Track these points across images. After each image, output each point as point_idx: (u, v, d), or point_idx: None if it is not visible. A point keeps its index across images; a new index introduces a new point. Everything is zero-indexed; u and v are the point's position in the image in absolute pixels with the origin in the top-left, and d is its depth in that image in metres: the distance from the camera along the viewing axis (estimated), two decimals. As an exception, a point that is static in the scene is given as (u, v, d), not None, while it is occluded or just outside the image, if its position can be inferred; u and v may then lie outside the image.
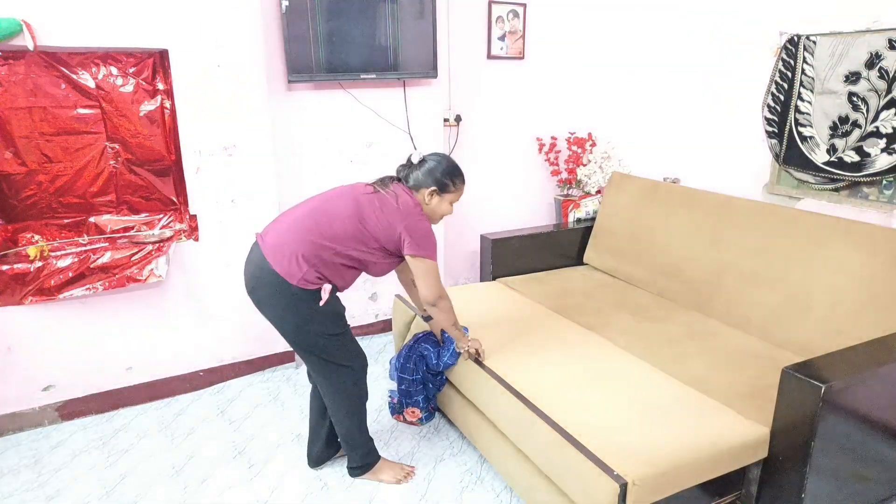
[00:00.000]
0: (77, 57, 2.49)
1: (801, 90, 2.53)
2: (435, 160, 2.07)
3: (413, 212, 1.99)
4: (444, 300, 2.09)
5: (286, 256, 1.91)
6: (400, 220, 1.96)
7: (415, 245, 1.97)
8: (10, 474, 2.33)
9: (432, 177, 2.03)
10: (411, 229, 1.97)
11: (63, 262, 2.52)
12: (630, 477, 1.58)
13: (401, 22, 2.98)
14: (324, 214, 1.97)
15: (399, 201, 1.99)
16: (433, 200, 2.05)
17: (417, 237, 1.97)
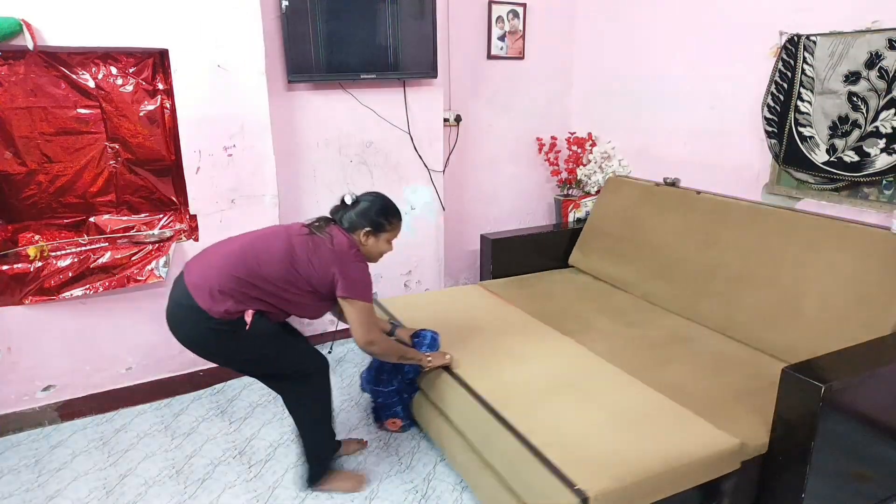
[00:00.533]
0: (77, 57, 2.49)
1: (801, 90, 2.53)
2: (368, 200, 2.06)
3: (348, 253, 1.97)
4: (376, 345, 2.03)
5: (209, 292, 1.87)
6: (334, 262, 1.94)
7: (348, 287, 1.95)
8: (10, 474, 2.33)
9: (366, 217, 2.03)
10: (345, 271, 1.94)
11: (63, 262, 2.52)
12: (592, 491, 1.53)
13: (401, 22, 2.98)
14: (254, 254, 1.94)
15: (334, 242, 1.97)
16: (369, 241, 2.05)
17: (351, 279, 1.95)
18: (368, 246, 2.05)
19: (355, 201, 2.07)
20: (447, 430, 2.20)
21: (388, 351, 2.10)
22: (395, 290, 3.44)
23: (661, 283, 2.83)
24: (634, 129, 3.47)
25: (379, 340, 2.04)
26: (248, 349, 1.96)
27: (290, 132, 2.97)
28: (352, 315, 1.97)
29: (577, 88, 3.85)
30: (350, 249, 1.98)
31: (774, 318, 2.32)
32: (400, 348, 2.16)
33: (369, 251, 2.07)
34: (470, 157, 3.66)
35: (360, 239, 2.03)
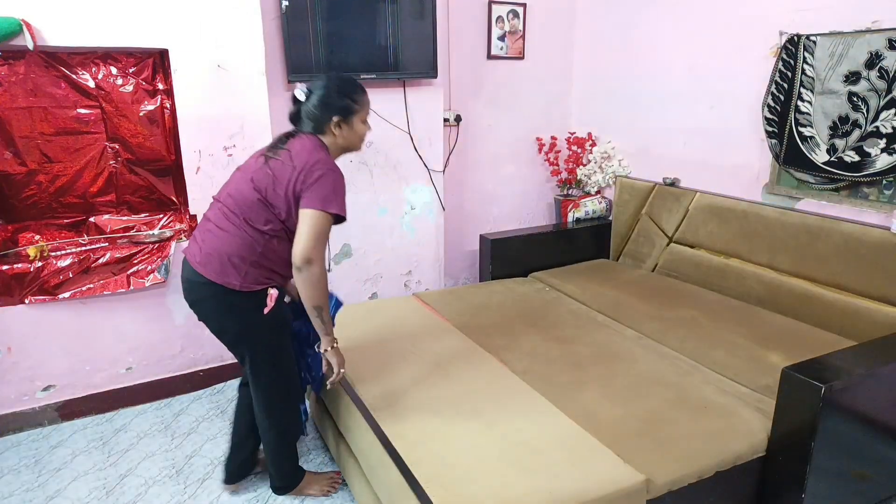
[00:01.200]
0: (77, 57, 2.49)
1: (801, 90, 2.53)
2: (322, 87, 1.80)
3: (310, 160, 1.72)
4: (315, 266, 1.71)
5: (220, 264, 1.77)
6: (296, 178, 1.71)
7: (311, 197, 1.70)
8: (10, 474, 2.33)
9: (329, 106, 1.78)
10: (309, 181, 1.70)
11: (63, 262, 2.52)
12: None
13: (401, 22, 2.98)
14: (235, 208, 1.79)
15: (293, 156, 1.74)
16: (343, 131, 1.81)
17: (315, 188, 1.70)
18: (345, 137, 1.83)
19: (308, 93, 1.80)
20: (347, 456, 2.11)
21: (320, 282, 1.74)
22: (396, 290, 3.45)
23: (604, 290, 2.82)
24: (634, 129, 3.47)
25: (320, 262, 1.72)
26: (263, 330, 1.85)
27: (290, 132, 2.97)
28: (305, 224, 1.69)
29: (577, 88, 3.85)
30: (316, 153, 1.74)
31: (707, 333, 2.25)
32: (326, 296, 1.83)
33: (348, 141, 1.85)
34: (470, 157, 3.66)
35: (333, 133, 1.81)
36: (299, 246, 1.69)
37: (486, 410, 1.93)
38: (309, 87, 1.81)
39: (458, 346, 2.39)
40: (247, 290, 1.78)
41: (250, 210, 1.77)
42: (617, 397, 2.03)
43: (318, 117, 1.79)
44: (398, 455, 1.72)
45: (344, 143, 1.84)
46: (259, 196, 1.76)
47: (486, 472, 1.64)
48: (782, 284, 2.63)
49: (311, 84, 1.82)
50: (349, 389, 2.09)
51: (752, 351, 2.30)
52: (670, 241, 3.19)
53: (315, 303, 1.77)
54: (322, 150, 1.77)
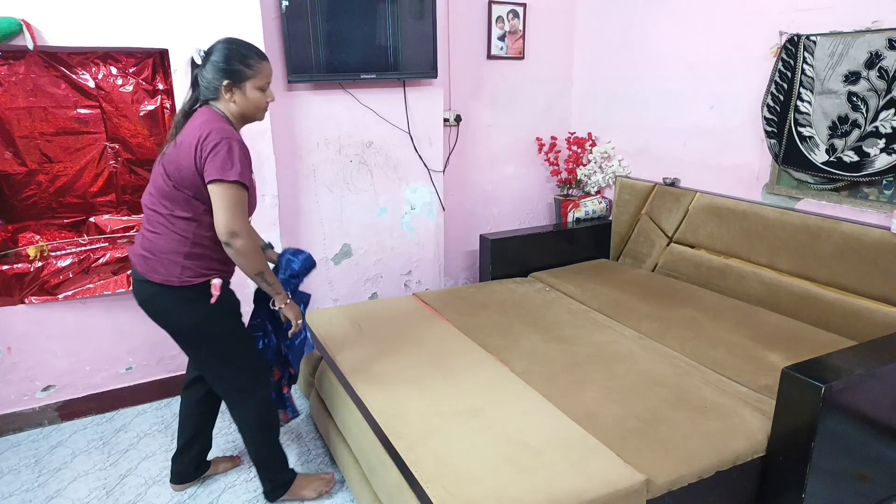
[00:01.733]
0: (77, 57, 2.49)
1: (801, 90, 2.53)
2: (216, 49, 1.74)
3: (205, 129, 1.66)
4: (240, 238, 1.68)
5: (156, 263, 1.76)
6: (194, 149, 1.65)
7: (211, 167, 1.64)
8: (10, 474, 2.33)
9: (219, 71, 1.72)
10: (204, 150, 1.64)
11: (63, 262, 2.52)
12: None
13: (401, 22, 2.98)
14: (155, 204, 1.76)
15: (193, 128, 1.69)
16: (236, 97, 1.75)
17: (215, 158, 1.63)
18: (238, 104, 1.76)
19: (206, 54, 1.75)
20: (347, 455, 2.12)
21: (251, 252, 1.73)
22: (396, 291, 3.45)
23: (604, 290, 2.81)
24: (634, 129, 3.47)
25: (244, 233, 1.69)
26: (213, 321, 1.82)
27: (290, 132, 2.97)
28: (218, 199, 1.65)
29: (577, 88, 3.85)
30: (207, 125, 1.67)
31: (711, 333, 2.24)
32: (264, 261, 1.84)
33: (241, 108, 1.77)
34: (470, 157, 3.66)
35: (227, 100, 1.75)
36: (219, 221, 1.67)
37: (485, 410, 1.93)
38: (206, 50, 1.76)
39: (458, 345, 2.39)
40: (188, 284, 1.76)
41: (169, 201, 1.73)
42: (617, 397, 2.03)
43: (210, 82, 1.73)
44: (398, 455, 1.72)
45: (239, 111, 1.77)
46: (172, 183, 1.71)
47: (485, 471, 1.64)
48: (782, 284, 2.64)
49: (210, 48, 1.76)
50: (349, 389, 2.09)
51: (751, 351, 2.30)
52: (670, 242, 3.19)
53: (254, 270, 1.78)
54: (217, 119, 1.71)
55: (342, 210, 3.20)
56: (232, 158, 1.65)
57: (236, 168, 1.65)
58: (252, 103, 1.78)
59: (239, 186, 1.67)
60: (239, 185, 1.67)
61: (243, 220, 1.70)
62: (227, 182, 1.64)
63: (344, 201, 3.19)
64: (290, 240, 3.06)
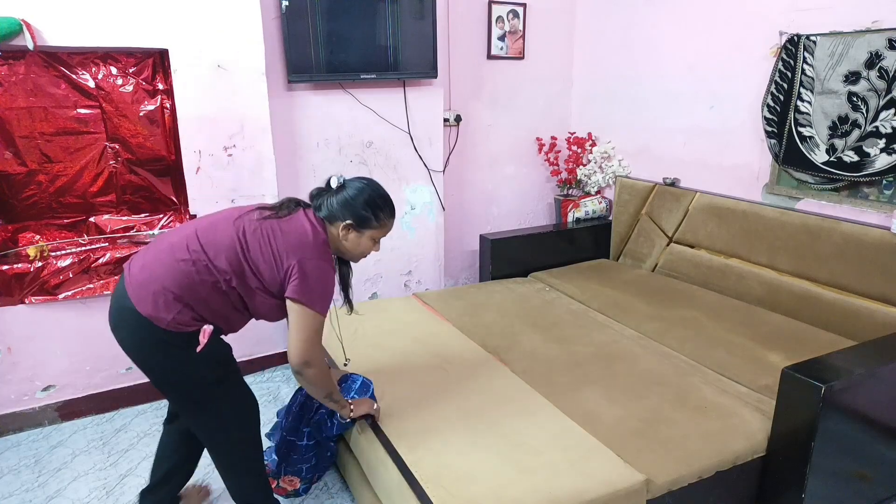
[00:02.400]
0: (77, 57, 2.49)
1: (801, 90, 2.53)
2: (356, 187, 1.70)
3: (312, 246, 1.61)
4: (312, 368, 1.63)
5: (152, 294, 1.57)
6: (292, 253, 1.59)
7: (302, 288, 1.58)
8: (10, 474, 2.33)
9: (349, 208, 1.67)
10: (303, 268, 1.58)
11: (63, 262, 2.52)
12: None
13: (401, 22, 2.98)
14: (201, 243, 1.61)
15: (298, 230, 1.63)
16: (349, 237, 1.70)
17: (307, 279, 1.58)
18: (348, 243, 1.71)
19: (341, 185, 1.70)
20: (347, 455, 2.09)
21: (321, 381, 1.70)
22: (396, 291, 3.45)
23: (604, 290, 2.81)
24: (634, 129, 3.47)
25: (316, 363, 1.64)
26: (194, 368, 1.62)
27: (290, 132, 2.97)
28: (296, 323, 1.60)
29: (577, 88, 3.85)
30: (316, 241, 1.62)
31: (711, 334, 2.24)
32: (331, 383, 1.78)
33: (348, 249, 1.73)
34: (470, 157, 3.66)
35: (339, 233, 1.69)
36: (295, 347, 1.60)
37: (485, 410, 1.93)
38: (345, 181, 1.72)
39: (458, 346, 2.39)
40: (175, 331, 1.57)
41: (219, 253, 1.60)
42: (617, 397, 2.03)
43: (334, 211, 1.68)
44: (398, 455, 1.72)
45: (343, 248, 1.73)
46: (239, 245, 1.60)
47: (485, 472, 1.64)
48: (782, 284, 2.64)
49: (350, 179, 1.73)
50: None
51: (751, 351, 2.30)
52: (670, 241, 3.19)
53: (323, 395, 1.75)
54: (324, 242, 1.65)
55: (342, 210, 3.19)
56: (324, 288, 1.62)
57: (326, 299, 1.63)
58: (360, 250, 1.74)
59: (322, 317, 1.63)
60: (322, 316, 1.63)
61: (318, 350, 1.65)
62: (312, 310, 1.59)
63: (344, 201, 3.19)
64: (290, 240, 3.05)
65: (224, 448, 1.77)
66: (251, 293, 1.64)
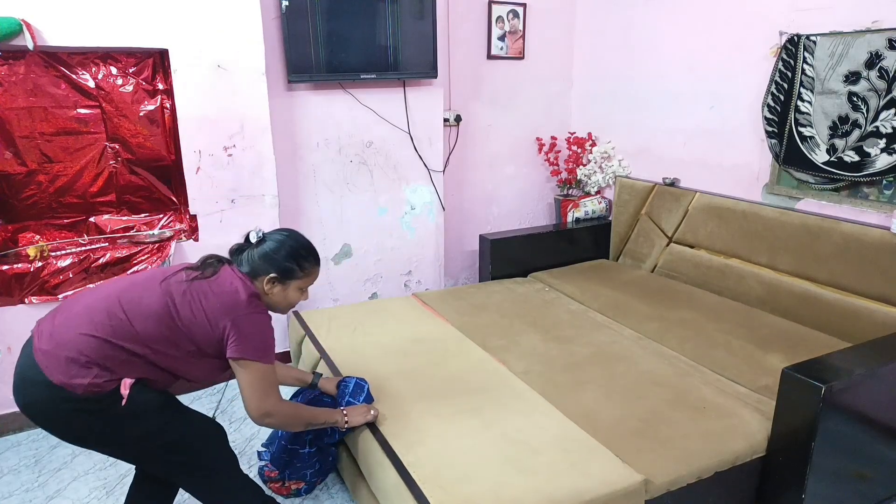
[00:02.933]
0: (77, 57, 2.49)
1: (801, 90, 2.53)
2: (276, 240, 1.67)
3: (242, 303, 1.56)
4: (274, 417, 1.61)
5: (64, 361, 1.44)
6: (224, 314, 1.54)
7: (241, 345, 1.54)
8: (10, 474, 2.33)
9: (271, 262, 1.64)
10: (238, 326, 1.54)
11: (63, 262, 2.52)
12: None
13: (401, 22, 2.98)
14: (123, 308, 1.51)
15: (227, 290, 1.57)
16: (275, 290, 1.65)
17: (244, 336, 1.54)
18: (273, 296, 1.66)
19: (261, 239, 1.68)
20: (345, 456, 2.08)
21: (290, 421, 1.72)
22: (396, 290, 3.45)
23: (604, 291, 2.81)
24: (634, 129, 3.47)
25: (277, 411, 1.62)
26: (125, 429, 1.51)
27: (290, 132, 2.97)
28: (243, 380, 1.56)
29: (577, 88, 3.85)
30: (245, 298, 1.57)
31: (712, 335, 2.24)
32: (306, 414, 1.76)
33: (274, 301, 1.68)
34: (470, 157, 3.66)
35: (263, 287, 1.64)
36: (251, 403, 1.57)
37: (484, 410, 1.93)
38: (265, 234, 1.69)
39: (457, 346, 2.39)
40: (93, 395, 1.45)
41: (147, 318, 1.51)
42: (616, 397, 2.03)
43: (256, 266, 1.64)
44: (396, 455, 1.72)
45: (269, 302, 1.67)
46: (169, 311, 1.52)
47: (484, 472, 1.64)
48: (782, 284, 2.63)
49: (269, 234, 1.70)
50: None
51: (751, 352, 2.30)
52: (670, 242, 3.19)
53: (302, 427, 1.79)
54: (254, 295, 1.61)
55: (342, 210, 3.20)
56: (264, 339, 1.59)
57: (269, 349, 1.60)
58: (287, 301, 1.70)
59: (270, 366, 1.60)
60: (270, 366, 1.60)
61: (274, 397, 1.62)
62: (257, 363, 1.57)
63: (344, 201, 3.19)
64: (290, 240, 3.05)
65: (201, 485, 1.68)
66: (185, 359, 1.56)
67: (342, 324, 2.55)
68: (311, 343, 2.47)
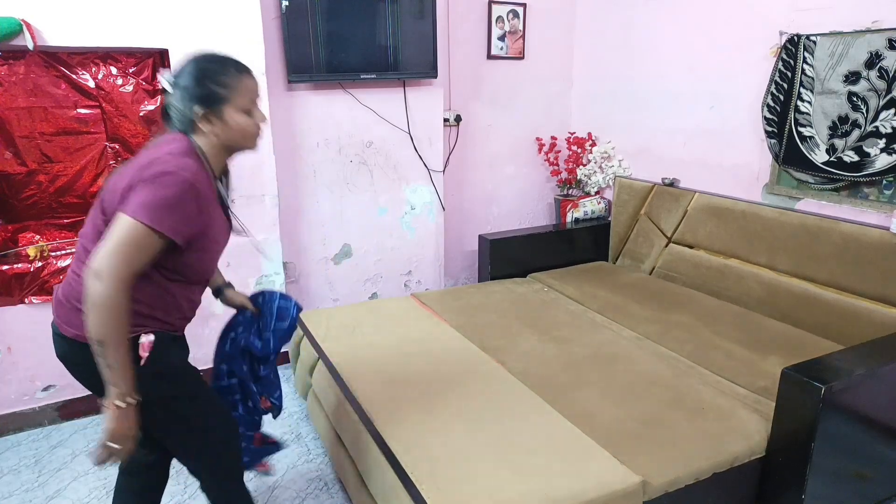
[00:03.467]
0: (77, 57, 2.49)
1: (801, 90, 2.53)
2: (185, 72, 1.39)
3: (153, 155, 1.32)
4: (103, 283, 1.22)
5: (70, 309, 1.36)
6: (136, 175, 1.29)
7: (132, 197, 1.26)
8: (10, 474, 2.33)
9: (191, 98, 1.37)
10: (141, 177, 1.28)
11: (63, 262, 2.52)
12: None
13: (401, 22, 2.98)
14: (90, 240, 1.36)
15: (148, 155, 1.34)
16: (215, 126, 1.40)
17: (140, 189, 1.26)
18: (220, 133, 1.41)
19: (173, 81, 1.40)
20: (343, 457, 2.08)
21: (103, 307, 1.23)
22: (396, 291, 3.45)
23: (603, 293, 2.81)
24: (634, 129, 3.47)
25: (111, 279, 1.22)
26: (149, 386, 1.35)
27: (290, 132, 2.97)
28: (114, 229, 1.25)
29: (577, 88, 3.85)
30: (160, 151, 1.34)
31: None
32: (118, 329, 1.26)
33: (227, 140, 1.43)
34: (470, 157, 3.66)
35: (205, 132, 1.40)
36: (98, 253, 1.24)
37: (482, 411, 1.92)
38: (175, 72, 1.40)
39: (456, 346, 2.39)
40: None
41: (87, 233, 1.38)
42: (614, 398, 2.03)
43: (180, 112, 1.38)
44: (393, 456, 1.72)
45: (222, 142, 1.42)
46: (105, 218, 1.34)
47: (481, 473, 1.64)
48: (781, 285, 2.63)
49: (179, 69, 1.40)
50: (345, 390, 2.08)
51: (749, 354, 2.30)
52: (669, 242, 3.19)
53: (97, 335, 1.25)
54: (181, 152, 1.35)
55: (342, 210, 3.20)
56: (159, 198, 1.26)
57: (157, 213, 1.25)
58: (237, 131, 1.42)
59: (145, 231, 1.25)
60: (146, 231, 1.25)
61: (121, 267, 1.23)
62: (135, 220, 1.24)
63: (344, 201, 3.19)
64: (290, 240, 3.06)
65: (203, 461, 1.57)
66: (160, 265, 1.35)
67: (340, 324, 2.55)
68: (309, 344, 2.47)
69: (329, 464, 2.35)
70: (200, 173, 1.36)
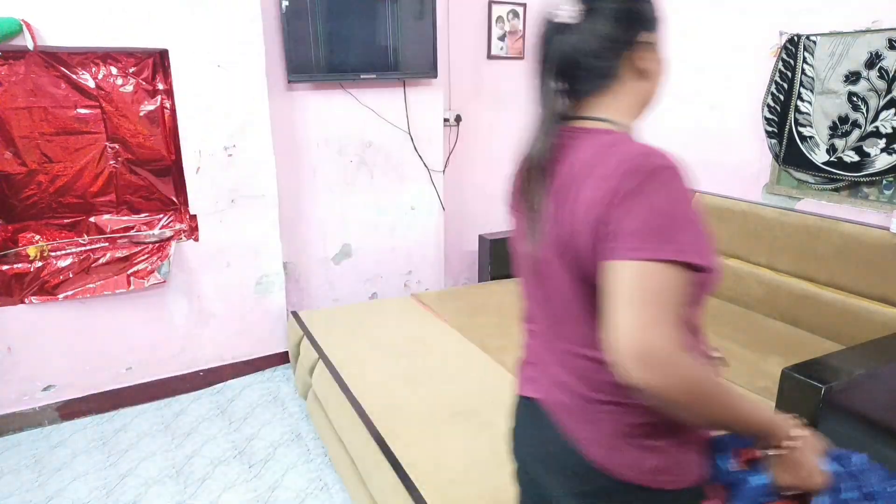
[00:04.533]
0: (77, 57, 2.49)
1: (801, 90, 2.53)
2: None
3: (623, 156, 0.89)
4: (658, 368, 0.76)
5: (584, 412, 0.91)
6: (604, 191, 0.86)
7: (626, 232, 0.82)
8: (10, 474, 2.33)
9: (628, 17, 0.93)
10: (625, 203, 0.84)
11: (63, 262, 2.52)
12: None
13: (401, 22, 2.98)
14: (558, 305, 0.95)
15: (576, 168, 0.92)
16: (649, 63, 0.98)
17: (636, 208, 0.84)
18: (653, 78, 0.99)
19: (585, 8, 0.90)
20: (343, 456, 2.08)
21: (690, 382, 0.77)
22: (396, 291, 3.45)
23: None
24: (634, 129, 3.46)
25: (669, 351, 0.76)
26: None
27: (290, 132, 2.97)
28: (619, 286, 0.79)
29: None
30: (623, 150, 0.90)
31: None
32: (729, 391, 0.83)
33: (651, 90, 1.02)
34: (470, 157, 3.66)
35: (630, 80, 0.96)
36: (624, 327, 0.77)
37: (482, 412, 1.92)
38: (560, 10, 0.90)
39: (455, 346, 2.39)
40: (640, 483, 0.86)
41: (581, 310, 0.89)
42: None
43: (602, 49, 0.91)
44: (393, 456, 1.71)
45: (647, 93, 1.01)
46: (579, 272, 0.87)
47: (481, 473, 1.63)
48: (781, 284, 2.63)
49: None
50: (345, 390, 2.08)
51: (750, 354, 2.30)
52: (670, 242, 3.18)
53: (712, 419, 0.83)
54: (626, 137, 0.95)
55: (342, 210, 3.20)
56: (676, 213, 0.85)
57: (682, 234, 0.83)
58: (663, 70, 1.00)
59: (677, 271, 0.79)
60: (678, 270, 0.79)
61: (671, 328, 0.77)
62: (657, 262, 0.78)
63: (344, 201, 3.19)
64: (290, 240, 3.06)
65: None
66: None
67: (340, 324, 2.55)
68: (309, 344, 2.47)
69: (329, 464, 2.35)
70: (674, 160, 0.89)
